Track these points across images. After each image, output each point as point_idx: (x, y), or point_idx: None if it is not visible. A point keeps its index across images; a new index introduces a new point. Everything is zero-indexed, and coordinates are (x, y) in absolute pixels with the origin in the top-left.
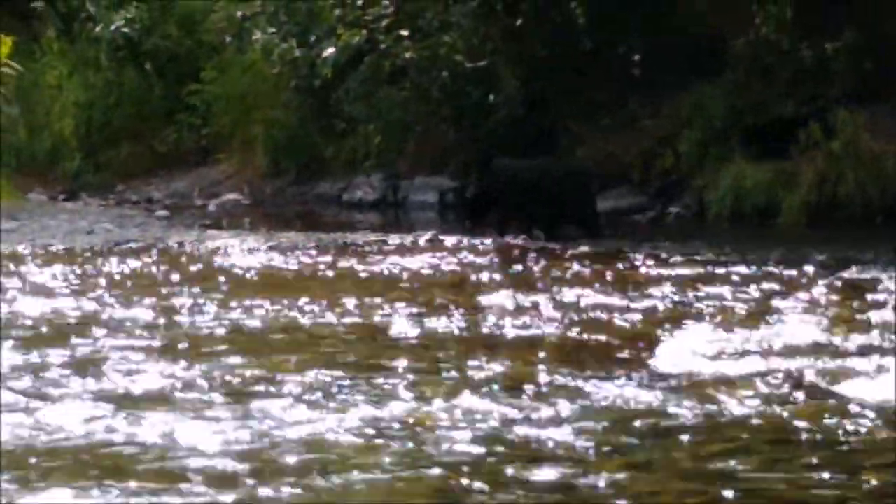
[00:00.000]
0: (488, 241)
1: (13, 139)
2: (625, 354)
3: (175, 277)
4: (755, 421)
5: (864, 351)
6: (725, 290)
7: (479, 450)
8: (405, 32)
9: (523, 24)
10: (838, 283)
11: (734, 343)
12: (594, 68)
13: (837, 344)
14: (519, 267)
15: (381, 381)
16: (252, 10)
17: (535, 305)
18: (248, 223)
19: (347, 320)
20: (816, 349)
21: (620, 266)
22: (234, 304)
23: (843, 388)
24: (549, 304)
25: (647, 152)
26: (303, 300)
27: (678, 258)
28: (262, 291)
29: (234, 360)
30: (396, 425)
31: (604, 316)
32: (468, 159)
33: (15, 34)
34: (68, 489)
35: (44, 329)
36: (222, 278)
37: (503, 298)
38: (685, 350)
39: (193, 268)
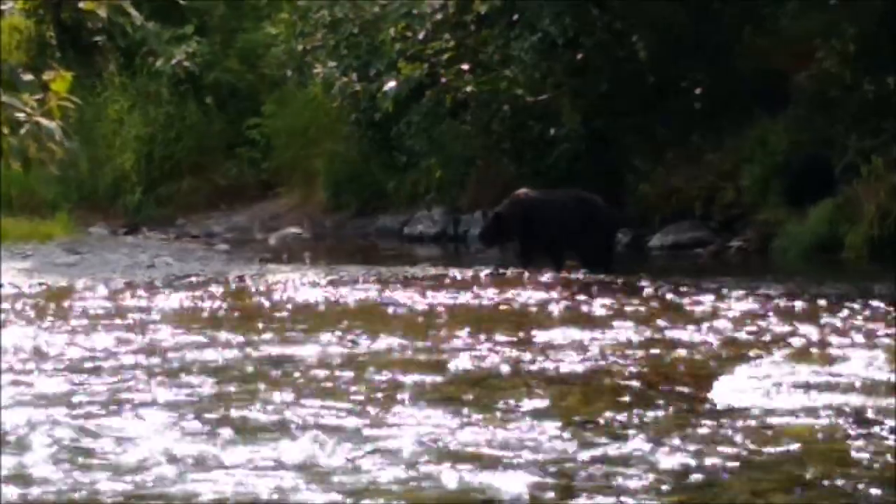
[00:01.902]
0: (548, 276)
1: (75, 174)
2: (684, 389)
3: (235, 311)
4: (813, 456)
5: None
6: (785, 325)
7: (535, 482)
8: (466, 66)
9: (585, 59)
10: None
11: (793, 377)
12: (657, 103)
13: None
14: (578, 301)
15: (440, 414)
16: (313, 43)
17: (594, 339)
18: (308, 257)
19: (407, 354)
20: (875, 385)
21: (680, 300)
22: (293, 337)
23: None
24: (608, 339)
25: (710, 187)
26: (363, 334)
27: (738, 292)
28: (322, 325)
29: (296, 392)
30: (450, 458)
31: (663, 350)
32: None
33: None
34: None
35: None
36: (282, 312)
37: (562, 333)
38: (744, 384)
39: (253, 302)
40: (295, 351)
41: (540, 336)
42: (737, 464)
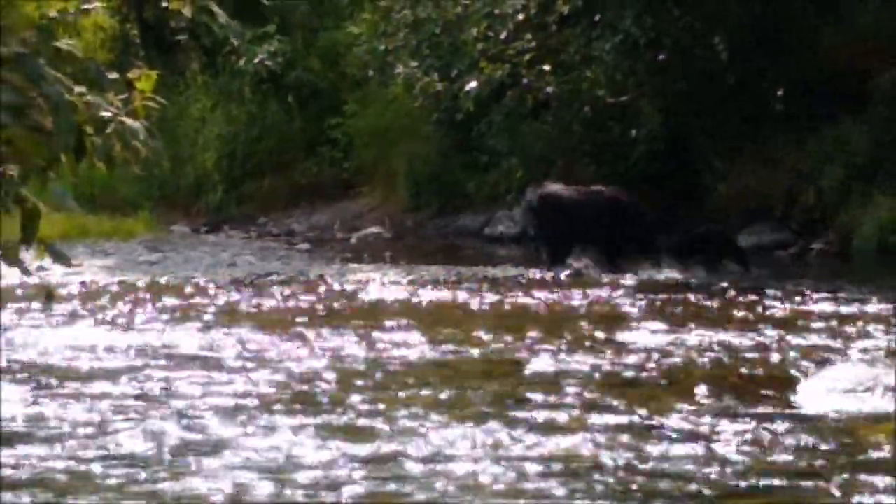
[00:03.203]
0: (629, 276)
1: (157, 172)
2: (767, 392)
3: (316, 310)
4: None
5: None
6: (869, 327)
7: (616, 484)
8: (547, 67)
9: (666, 60)
10: None
11: (876, 381)
12: (737, 103)
13: None
14: (659, 303)
15: (519, 415)
16: (395, 43)
17: (676, 342)
18: (388, 256)
19: (487, 354)
20: None
21: (762, 302)
22: (374, 336)
23: None
24: (690, 341)
25: (790, 188)
26: (443, 333)
27: (820, 294)
28: (402, 324)
29: (376, 391)
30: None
31: (745, 353)
32: None
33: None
34: None
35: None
36: (363, 311)
37: (642, 335)
38: (827, 388)
39: (334, 300)
40: (379, 353)
41: (618, 337)
42: (822, 467)
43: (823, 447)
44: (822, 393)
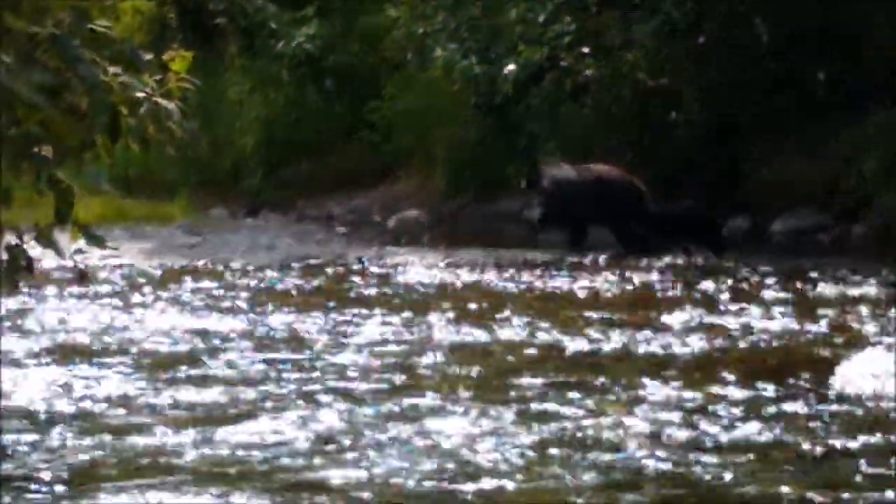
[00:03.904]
0: (667, 260)
1: (194, 156)
2: (805, 375)
3: (354, 293)
4: None
5: None
6: None
7: (653, 468)
8: (587, 49)
9: (706, 44)
10: None
11: None
12: (777, 89)
13: None
14: (698, 286)
15: (556, 398)
16: (433, 26)
17: (713, 325)
18: (427, 240)
19: (526, 337)
20: None
21: (801, 286)
22: (413, 319)
23: None
24: (728, 324)
25: (832, 172)
26: (483, 317)
27: (860, 278)
28: (441, 308)
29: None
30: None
31: (783, 336)
32: (649, 178)
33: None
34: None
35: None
36: (401, 294)
37: (680, 318)
38: (864, 371)
39: (373, 284)
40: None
41: (656, 320)
42: (860, 452)
43: (858, 430)
44: (859, 376)
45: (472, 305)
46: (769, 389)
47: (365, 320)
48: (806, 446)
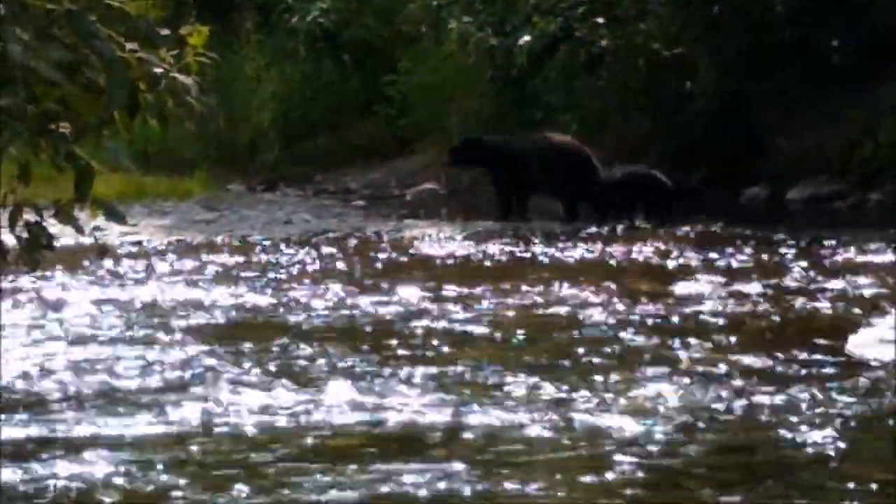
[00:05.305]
0: (685, 229)
1: (212, 132)
2: (821, 341)
3: (372, 267)
4: None
5: None
6: None
7: (669, 437)
8: (601, 20)
9: (721, 13)
10: None
11: None
12: (793, 57)
13: None
14: (715, 254)
15: (571, 369)
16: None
17: (731, 293)
18: (444, 213)
19: (540, 309)
20: None
21: (818, 252)
22: (430, 292)
23: None
24: (745, 291)
25: (848, 141)
26: (499, 289)
27: (876, 245)
28: (459, 280)
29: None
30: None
31: (800, 302)
32: (665, 149)
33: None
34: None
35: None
36: (420, 267)
37: (697, 285)
38: (882, 337)
39: (391, 257)
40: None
41: (673, 288)
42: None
43: (873, 395)
44: (874, 342)
45: (488, 277)
46: (786, 356)
47: (400, 292)
48: (818, 411)
